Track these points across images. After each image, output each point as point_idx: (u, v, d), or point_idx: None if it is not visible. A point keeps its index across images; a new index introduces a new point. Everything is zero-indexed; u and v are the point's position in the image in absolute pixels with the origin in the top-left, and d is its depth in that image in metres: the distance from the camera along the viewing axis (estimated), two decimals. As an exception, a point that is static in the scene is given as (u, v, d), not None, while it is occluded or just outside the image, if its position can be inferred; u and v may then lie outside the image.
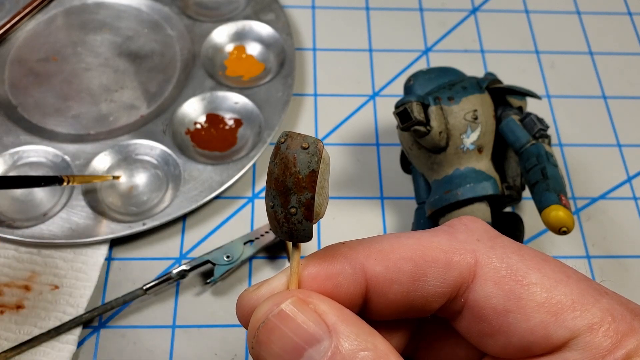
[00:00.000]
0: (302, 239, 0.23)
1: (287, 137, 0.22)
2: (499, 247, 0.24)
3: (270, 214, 0.22)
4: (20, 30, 0.57)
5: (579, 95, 0.57)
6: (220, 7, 0.60)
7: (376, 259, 0.23)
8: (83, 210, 0.46)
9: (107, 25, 0.58)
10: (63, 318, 0.42)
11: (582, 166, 0.53)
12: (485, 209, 0.42)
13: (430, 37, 0.60)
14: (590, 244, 0.49)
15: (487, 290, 0.23)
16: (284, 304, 0.22)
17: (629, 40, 0.61)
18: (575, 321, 0.21)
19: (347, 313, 0.22)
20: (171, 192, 0.48)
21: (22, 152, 0.49)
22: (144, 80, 0.55)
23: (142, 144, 0.50)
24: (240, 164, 0.49)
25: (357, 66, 0.58)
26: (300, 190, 0.21)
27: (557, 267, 0.23)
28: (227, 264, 0.44)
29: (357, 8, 0.62)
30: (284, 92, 0.53)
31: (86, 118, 0.52)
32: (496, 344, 0.23)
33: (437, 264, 0.23)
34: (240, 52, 0.57)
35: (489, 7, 0.63)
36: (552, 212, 0.37)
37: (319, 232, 0.48)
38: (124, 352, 0.42)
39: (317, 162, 0.21)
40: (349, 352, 0.21)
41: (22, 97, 0.53)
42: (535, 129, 0.41)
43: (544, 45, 0.60)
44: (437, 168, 0.43)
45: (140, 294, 0.43)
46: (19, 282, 0.44)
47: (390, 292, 0.23)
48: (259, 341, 0.22)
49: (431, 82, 0.45)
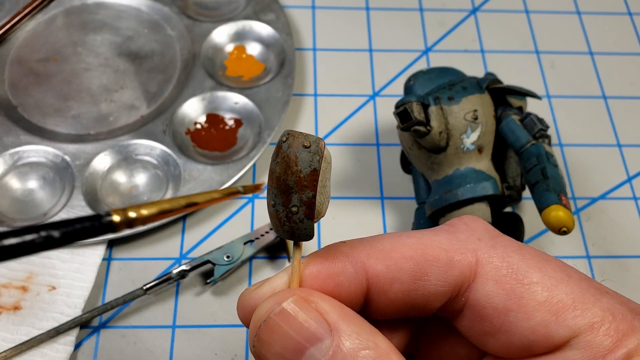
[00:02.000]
0: (303, 237, 0.23)
1: (288, 136, 0.22)
2: (500, 246, 0.24)
3: (272, 212, 0.22)
4: (20, 30, 0.57)
5: (579, 95, 0.57)
6: (220, 7, 0.60)
7: (377, 258, 0.23)
8: (83, 210, 0.46)
9: (107, 25, 0.58)
10: (60, 319, 0.42)
11: (582, 166, 0.53)
12: (485, 209, 0.42)
13: (430, 37, 0.60)
14: (590, 244, 0.49)
15: (488, 290, 0.23)
16: (286, 303, 0.22)
17: (629, 40, 0.61)
18: (576, 320, 0.22)
19: (349, 312, 0.22)
20: (171, 192, 0.48)
21: (22, 152, 0.49)
22: (144, 80, 0.55)
23: (142, 144, 0.50)
24: (240, 164, 0.49)
25: (357, 66, 0.58)
26: (301, 189, 0.21)
27: (558, 266, 0.23)
28: (227, 264, 0.44)
29: (357, 8, 0.62)
30: (284, 92, 0.53)
31: (86, 118, 0.52)
32: (497, 343, 0.23)
33: (438, 263, 0.23)
34: (240, 52, 0.57)
35: (489, 7, 0.63)
36: (552, 212, 0.37)
37: (319, 232, 0.48)
38: (124, 353, 0.42)
39: (319, 161, 0.21)
40: (351, 351, 0.21)
41: (22, 97, 0.53)
42: (536, 129, 0.41)
43: (544, 45, 0.60)
44: (437, 168, 0.43)
45: (140, 294, 0.43)
46: (17, 283, 0.44)
47: (391, 291, 0.23)
48: (261, 340, 0.22)
49: (431, 82, 0.45)
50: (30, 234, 0.17)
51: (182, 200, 0.20)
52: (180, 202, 0.20)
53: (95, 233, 0.18)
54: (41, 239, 0.17)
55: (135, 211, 0.19)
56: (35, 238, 0.17)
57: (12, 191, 0.48)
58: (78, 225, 0.18)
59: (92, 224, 0.18)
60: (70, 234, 0.18)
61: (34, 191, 0.48)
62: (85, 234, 0.18)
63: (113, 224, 0.18)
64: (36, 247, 0.17)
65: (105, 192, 0.48)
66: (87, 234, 0.18)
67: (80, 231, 0.18)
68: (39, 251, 0.17)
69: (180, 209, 0.20)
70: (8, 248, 0.17)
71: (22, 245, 0.17)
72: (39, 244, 0.17)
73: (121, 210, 0.19)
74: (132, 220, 0.19)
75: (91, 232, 0.18)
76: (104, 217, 0.18)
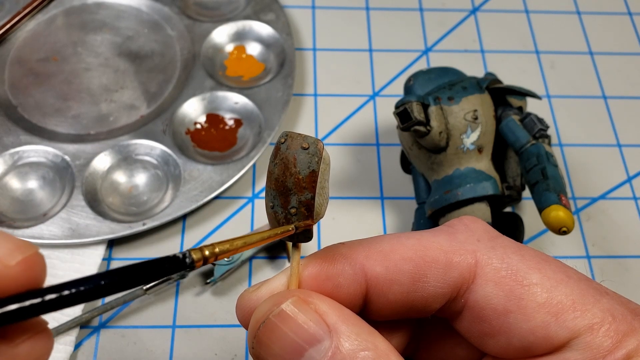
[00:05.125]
0: (302, 239, 0.23)
1: (287, 137, 0.22)
2: (500, 247, 0.24)
3: (270, 214, 0.22)
4: (20, 30, 0.57)
5: (579, 95, 0.57)
6: (220, 7, 0.60)
7: (376, 260, 0.23)
8: (83, 210, 0.46)
9: (107, 25, 0.58)
10: (60, 319, 0.42)
11: (582, 166, 0.53)
12: (485, 209, 0.42)
13: (430, 37, 0.60)
14: (590, 244, 0.49)
15: (488, 291, 0.23)
16: (285, 304, 0.22)
17: (629, 40, 0.61)
18: (576, 321, 0.22)
19: (348, 313, 0.22)
20: (171, 192, 0.48)
21: (22, 152, 0.49)
22: (144, 80, 0.55)
23: (142, 144, 0.50)
24: (240, 164, 0.49)
25: (357, 66, 0.58)
26: (300, 190, 0.21)
27: (557, 267, 0.23)
28: (227, 264, 0.44)
29: (357, 8, 0.62)
30: (284, 92, 0.53)
31: (86, 118, 0.52)
32: (497, 344, 0.23)
33: (437, 265, 0.23)
34: (240, 52, 0.57)
35: (489, 7, 0.63)
36: (552, 212, 0.37)
37: (319, 232, 0.48)
38: (124, 352, 0.42)
39: (318, 163, 0.21)
40: (350, 352, 0.21)
41: (22, 97, 0.53)
42: (535, 129, 0.41)
43: (544, 45, 0.60)
44: (437, 168, 0.43)
45: (140, 294, 0.43)
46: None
47: (390, 292, 0.23)
48: (260, 341, 0.22)
49: (431, 82, 0.45)
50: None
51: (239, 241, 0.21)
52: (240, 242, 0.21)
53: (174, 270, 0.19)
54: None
55: (210, 250, 0.20)
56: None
57: (12, 191, 0.48)
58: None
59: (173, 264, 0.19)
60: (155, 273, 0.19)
61: (34, 191, 0.48)
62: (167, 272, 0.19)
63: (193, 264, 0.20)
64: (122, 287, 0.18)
65: (105, 192, 0.48)
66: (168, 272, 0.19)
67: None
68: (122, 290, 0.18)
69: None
70: (104, 287, 0.18)
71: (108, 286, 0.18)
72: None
73: (198, 250, 0.20)
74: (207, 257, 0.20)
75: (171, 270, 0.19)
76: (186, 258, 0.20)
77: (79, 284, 0.17)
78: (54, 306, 0.17)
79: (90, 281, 0.17)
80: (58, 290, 0.17)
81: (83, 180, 0.48)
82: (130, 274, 0.18)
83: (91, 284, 0.17)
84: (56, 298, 0.17)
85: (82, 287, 0.17)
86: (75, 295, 0.17)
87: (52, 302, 0.17)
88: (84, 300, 0.17)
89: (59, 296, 0.17)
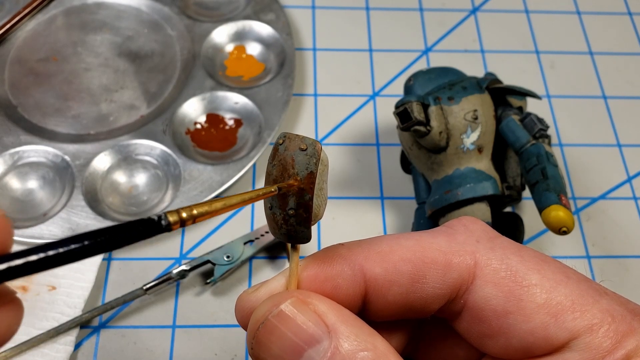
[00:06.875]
0: (300, 240, 0.23)
1: (285, 138, 0.22)
2: (499, 248, 0.24)
3: (269, 215, 0.22)
4: (20, 30, 0.57)
5: (579, 95, 0.57)
6: (220, 7, 0.60)
7: (375, 261, 0.23)
8: (83, 210, 0.46)
9: (107, 25, 0.58)
10: (60, 319, 0.42)
11: (582, 166, 0.53)
12: (485, 209, 0.42)
13: (430, 37, 0.60)
14: (590, 244, 0.49)
15: (487, 292, 0.23)
16: (284, 305, 0.22)
17: (629, 40, 0.61)
18: (575, 322, 0.21)
19: (347, 313, 0.22)
20: (171, 192, 0.48)
21: (22, 152, 0.49)
22: (144, 80, 0.55)
23: (142, 144, 0.50)
24: (240, 164, 0.49)
25: (357, 66, 0.58)
26: (298, 191, 0.21)
27: (556, 268, 0.23)
28: (227, 264, 0.44)
29: (357, 8, 0.62)
30: (284, 92, 0.53)
31: (86, 118, 0.52)
32: (496, 344, 0.23)
33: (436, 266, 0.23)
34: (240, 52, 0.57)
35: (489, 7, 0.63)
36: (552, 212, 0.37)
37: (319, 233, 0.48)
38: (124, 352, 0.42)
39: (316, 164, 0.21)
40: (349, 353, 0.21)
41: (22, 97, 0.53)
42: (535, 129, 0.41)
43: (544, 45, 0.60)
44: (437, 168, 0.43)
45: (140, 294, 0.43)
46: (17, 282, 0.44)
47: (389, 293, 0.23)
48: (259, 342, 0.22)
49: (431, 82, 0.45)
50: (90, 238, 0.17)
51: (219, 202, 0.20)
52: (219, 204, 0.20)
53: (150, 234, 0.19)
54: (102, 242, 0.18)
55: (187, 212, 0.19)
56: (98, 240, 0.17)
57: (12, 191, 0.48)
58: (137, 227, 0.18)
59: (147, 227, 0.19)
60: (129, 236, 0.18)
61: (34, 191, 0.48)
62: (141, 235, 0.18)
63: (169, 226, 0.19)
64: (94, 251, 0.18)
65: (105, 192, 0.48)
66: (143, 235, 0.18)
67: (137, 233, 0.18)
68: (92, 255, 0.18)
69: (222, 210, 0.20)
70: (70, 253, 0.17)
71: (79, 250, 0.17)
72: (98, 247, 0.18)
73: (175, 212, 0.19)
74: (185, 220, 0.19)
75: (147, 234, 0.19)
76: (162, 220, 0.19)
77: (47, 248, 0.17)
78: (21, 272, 0.16)
79: (59, 245, 0.17)
80: (24, 255, 0.16)
81: (83, 180, 0.48)
82: (101, 236, 0.17)
83: (59, 247, 0.17)
84: (23, 264, 0.16)
85: (50, 251, 0.17)
86: (44, 260, 0.17)
87: (18, 268, 0.16)
88: (52, 266, 0.17)
89: (25, 262, 0.16)
